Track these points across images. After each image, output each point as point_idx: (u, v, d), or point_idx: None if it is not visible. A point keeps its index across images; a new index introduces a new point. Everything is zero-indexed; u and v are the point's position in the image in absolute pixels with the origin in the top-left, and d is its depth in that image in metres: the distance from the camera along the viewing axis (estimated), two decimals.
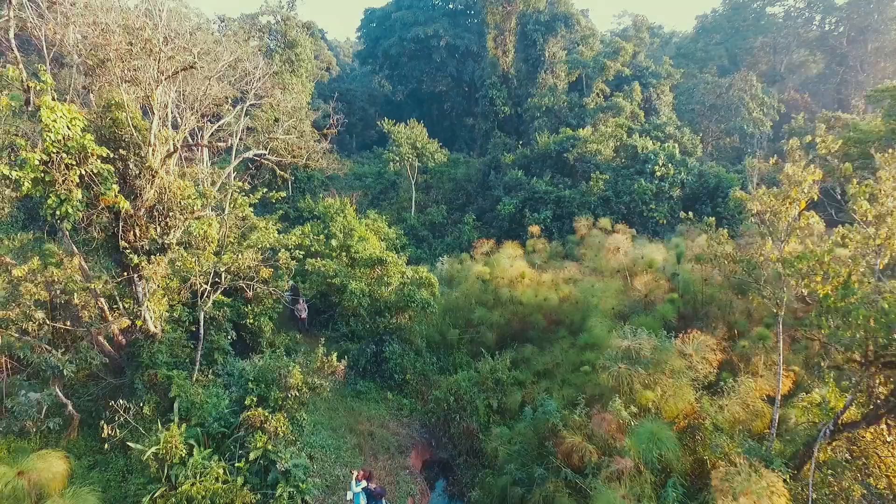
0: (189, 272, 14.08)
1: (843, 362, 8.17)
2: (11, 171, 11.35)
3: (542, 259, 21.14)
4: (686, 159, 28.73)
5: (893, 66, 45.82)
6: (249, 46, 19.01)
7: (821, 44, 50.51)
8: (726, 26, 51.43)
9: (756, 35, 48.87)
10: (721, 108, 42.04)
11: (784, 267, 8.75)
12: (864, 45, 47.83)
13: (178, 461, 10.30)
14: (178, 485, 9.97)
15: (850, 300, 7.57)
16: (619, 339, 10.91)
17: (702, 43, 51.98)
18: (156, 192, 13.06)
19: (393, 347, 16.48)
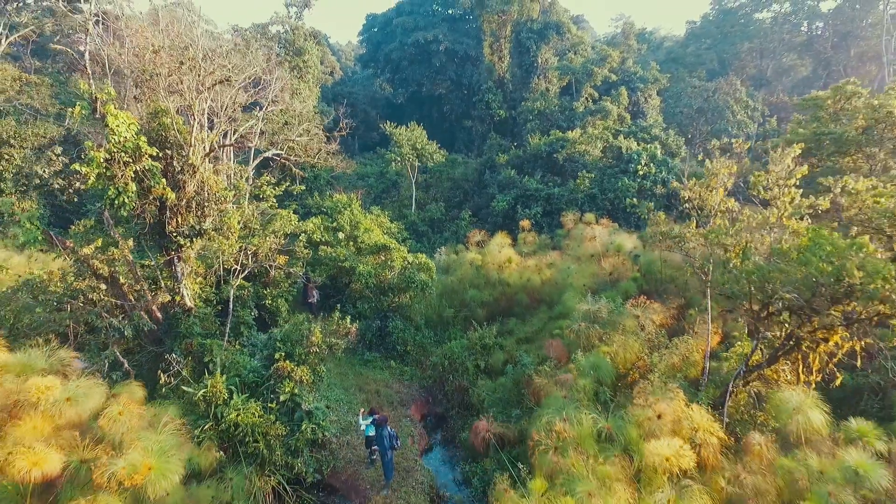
0: (221, 254, 16.72)
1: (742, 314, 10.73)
2: (82, 167, 14.03)
3: (531, 249, 23.73)
4: (668, 159, 31.35)
5: (875, 70, 48.45)
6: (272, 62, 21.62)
7: (807, 48, 53.22)
8: (715, 32, 54.16)
9: (743, 40, 51.57)
10: (708, 111, 44.70)
11: (705, 240, 11.37)
12: (847, 51, 50.53)
13: (222, 402, 12.85)
14: (222, 420, 12.52)
15: (745, 263, 10.15)
16: (582, 305, 13.52)
17: (692, 48, 54.74)
18: (196, 185, 15.70)
19: (396, 323, 19.14)
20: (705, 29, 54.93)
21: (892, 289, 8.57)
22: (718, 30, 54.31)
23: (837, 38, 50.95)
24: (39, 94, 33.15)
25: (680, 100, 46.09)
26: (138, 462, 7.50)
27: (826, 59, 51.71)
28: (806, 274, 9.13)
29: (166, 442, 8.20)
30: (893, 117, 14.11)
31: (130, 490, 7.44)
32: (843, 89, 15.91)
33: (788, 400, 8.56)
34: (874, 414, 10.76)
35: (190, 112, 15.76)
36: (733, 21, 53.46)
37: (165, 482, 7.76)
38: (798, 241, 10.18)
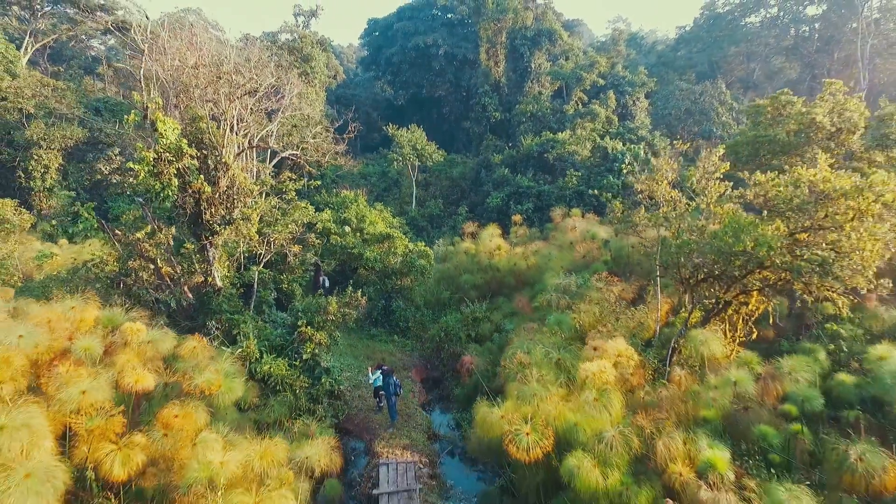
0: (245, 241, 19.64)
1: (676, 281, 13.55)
2: (134, 165, 16.96)
3: (521, 241, 26.61)
4: (650, 159, 34.21)
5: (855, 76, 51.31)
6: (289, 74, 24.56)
7: (793, 52, 56.10)
8: (705, 36, 57.07)
9: (731, 45, 54.48)
10: (695, 113, 47.56)
11: (651, 223, 14.26)
12: (831, 54, 53.39)
13: (255, 360, 15.71)
14: (257, 374, 15.37)
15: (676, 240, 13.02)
16: (555, 280, 16.40)
17: (682, 51, 57.67)
18: (227, 180, 18.61)
19: (398, 303, 22.06)
20: (695, 33, 57.87)
21: (776, 255, 11.46)
22: (708, 34, 57.24)
23: (822, 42, 53.83)
24: (66, 98, 36.10)
25: (669, 102, 48.94)
26: (212, 379, 10.40)
27: (811, 63, 54.61)
28: (717, 246, 12.01)
29: (228, 370, 11.10)
30: (817, 123, 16.97)
31: (205, 399, 10.32)
32: (779, 99, 18.73)
33: (697, 336, 11.47)
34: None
35: (223, 118, 18.66)
36: (722, 26, 56.37)
37: (231, 395, 10.68)
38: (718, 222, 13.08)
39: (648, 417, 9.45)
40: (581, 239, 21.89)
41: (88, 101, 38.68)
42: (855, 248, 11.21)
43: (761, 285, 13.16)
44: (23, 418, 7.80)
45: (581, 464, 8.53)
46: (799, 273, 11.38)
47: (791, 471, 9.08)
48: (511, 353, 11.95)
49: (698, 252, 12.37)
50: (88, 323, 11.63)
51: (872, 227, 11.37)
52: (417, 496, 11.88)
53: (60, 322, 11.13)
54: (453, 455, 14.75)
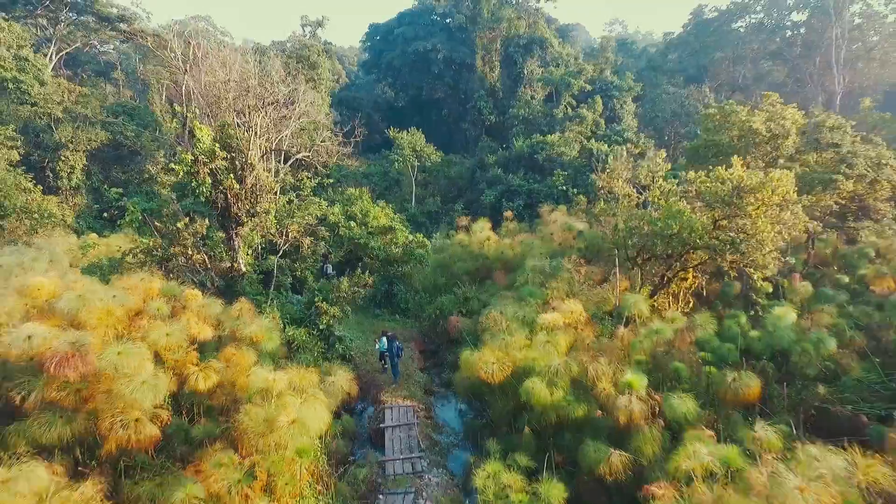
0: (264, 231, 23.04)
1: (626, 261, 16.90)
2: (175, 166, 20.37)
3: (510, 233, 29.98)
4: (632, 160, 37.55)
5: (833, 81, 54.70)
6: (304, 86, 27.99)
7: (778, 56, 59.49)
8: (693, 42, 60.48)
9: (716, 50, 57.91)
10: (681, 115, 50.97)
11: (608, 213, 17.63)
12: (813, 59, 56.75)
13: (280, 329, 19.05)
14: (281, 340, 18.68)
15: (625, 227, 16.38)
16: (532, 261, 19.80)
17: (671, 56, 61.10)
18: (252, 179, 22.00)
19: (399, 287, 25.46)
20: (683, 39, 61.30)
21: (698, 236, 14.83)
22: (696, 39, 60.67)
23: (805, 47, 57.21)
24: (90, 104, 39.53)
25: (657, 105, 52.40)
26: (257, 330, 13.81)
27: (796, 66, 58.02)
28: (654, 230, 15.39)
29: (268, 325, 14.50)
30: (755, 130, 20.28)
31: (252, 345, 13.69)
32: (724, 108, 22.06)
33: (629, 298, 14.86)
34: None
35: (248, 125, 22.05)
36: (709, 31, 59.78)
37: (271, 344, 14.08)
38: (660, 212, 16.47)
39: (589, 355, 12.82)
40: (560, 230, 25.25)
41: (108, 105, 42.13)
42: (757, 230, 14.58)
43: (695, 263, 16.55)
44: (132, 348, 11.17)
45: (535, 385, 11.88)
46: (715, 250, 14.76)
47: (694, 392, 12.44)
48: (488, 312, 15.35)
49: (639, 235, 15.75)
50: (154, 291, 15.02)
51: (773, 215, 14.75)
52: (415, 429, 15.25)
53: (136, 289, 14.52)
54: (444, 405, 18.13)
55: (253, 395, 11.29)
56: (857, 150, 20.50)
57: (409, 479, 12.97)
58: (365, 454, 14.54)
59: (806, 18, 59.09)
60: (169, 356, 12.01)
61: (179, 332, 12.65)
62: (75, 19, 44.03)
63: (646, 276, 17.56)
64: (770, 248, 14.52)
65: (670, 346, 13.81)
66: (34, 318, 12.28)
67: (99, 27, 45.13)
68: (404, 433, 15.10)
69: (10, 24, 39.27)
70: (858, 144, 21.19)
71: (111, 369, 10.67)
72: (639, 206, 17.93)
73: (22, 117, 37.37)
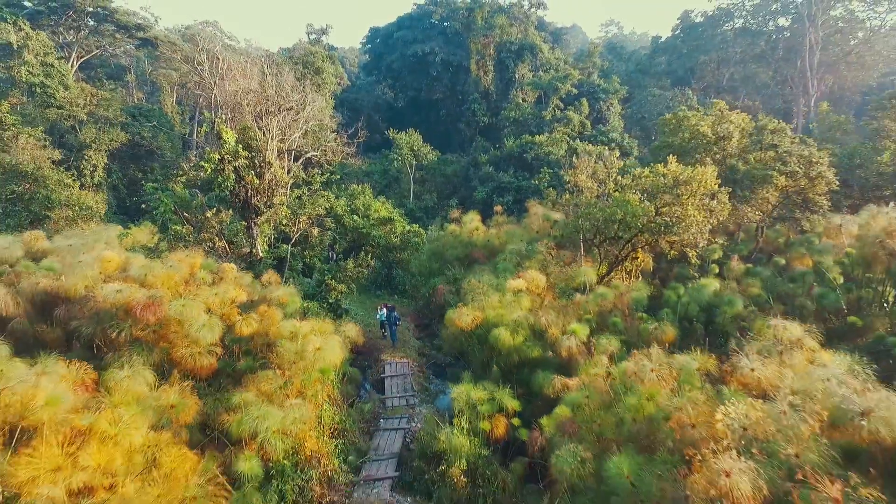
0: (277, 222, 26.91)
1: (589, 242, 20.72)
2: (203, 164, 24.23)
3: (498, 225, 33.79)
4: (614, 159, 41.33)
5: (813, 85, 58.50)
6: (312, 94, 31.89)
7: (762, 59, 63.31)
8: (680, 45, 64.34)
9: (701, 54, 61.76)
10: None
11: (572, 203, 21.42)
12: (794, 63, 60.55)
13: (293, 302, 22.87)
14: None
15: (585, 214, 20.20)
16: (512, 246, 23.61)
17: (659, 59, 64.97)
18: (270, 175, 25.84)
19: (398, 272, 29.29)
20: (670, 43, 65.14)
21: (639, 220, 18.65)
22: (684, 43, 64.51)
23: (786, 51, 61.01)
24: (111, 106, 43.44)
25: (643, 106, 56.25)
26: (283, 294, 17.67)
27: (778, 69, 61.84)
28: (604, 216, 19.22)
29: (291, 291, 18.37)
30: (701, 134, 24.05)
31: (280, 307, 17.51)
32: (677, 114, 25.87)
33: (579, 271, 18.70)
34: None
35: (266, 128, 25.91)
36: (696, 36, 63.61)
37: (294, 306, 17.92)
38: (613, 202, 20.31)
39: (547, 313, 16.64)
40: (540, 221, 29.08)
41: (126, 107, 46.07)
42: (687, 215, 18.41)
43: (642, 244, 20.38)
44: (191, 302, 14.99)
45: (501, 333, 15.69)
46: (651, 232, 18.59)
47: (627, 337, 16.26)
48: (468, 280, 19.17)
49: (593, 221, 19.58)
50: (197, 264, 18.87)
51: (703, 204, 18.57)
52: (410, 378, 19.08)
53: (184, 262, 18.37)
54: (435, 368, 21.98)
55: (284, 338, 15.13)
56: (792, 150, 24.30)
57: (403, 410, 16.81)
58: (369, 396, 18.37)
59: (789, 24, 62.95)
60: (217, 310, 15.85)
61: (222, 294, 16.50)
62: (95, 27, 47.88)
63: (603, 256, 21.38)
64: (696, 229, 18.33)
65: (614, 306, 17.62)
66: (110, 282, 16.13)
67: (117, 35, 49.02)
68: (400, 380, 18.94)
69: (37, 34, 43.24)
70: (795, 145, 25.00)
71: (178, 316, 14.50)
72: (599, 198, 21.76)
73: (49, 119, 41.30)
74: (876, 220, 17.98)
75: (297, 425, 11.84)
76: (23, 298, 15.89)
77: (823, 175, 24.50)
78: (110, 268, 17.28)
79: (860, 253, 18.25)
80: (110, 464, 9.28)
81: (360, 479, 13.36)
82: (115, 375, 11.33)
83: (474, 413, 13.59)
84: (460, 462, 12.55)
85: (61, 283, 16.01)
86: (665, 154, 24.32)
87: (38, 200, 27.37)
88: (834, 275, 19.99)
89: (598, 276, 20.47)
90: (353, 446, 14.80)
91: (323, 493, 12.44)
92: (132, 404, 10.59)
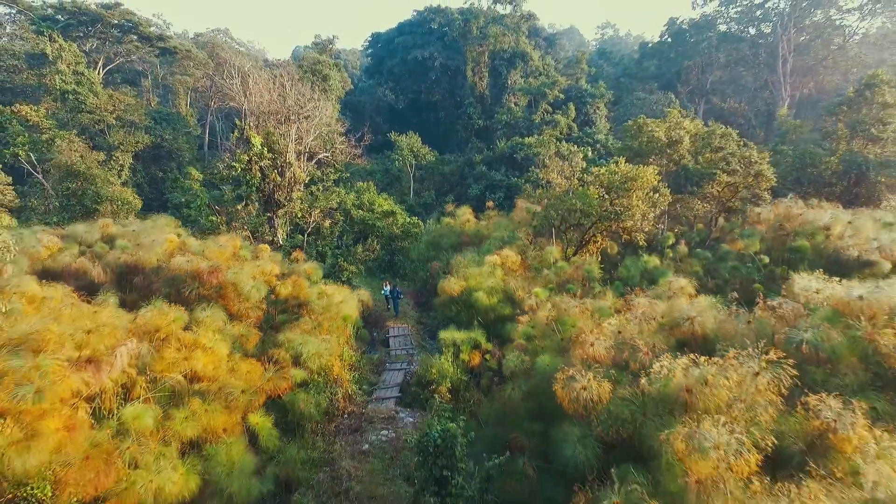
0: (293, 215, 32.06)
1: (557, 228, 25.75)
2: (235, 164, 29.40)
3: (488, 218, 38.95)
4: (595, 158, 46.47)
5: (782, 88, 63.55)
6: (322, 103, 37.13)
7: (743, 64, 68.36)
8: (667, 50, 69.44)
9: (685, 59, 66.86)
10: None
11: (544, 197, 26.45)
12: (775, 69, 65.55)
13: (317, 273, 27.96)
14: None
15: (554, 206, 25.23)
16: (497, 234, 28.70)
17: (647, 63, 70.10)
18: (290, 173, 30.97)
19: (399, 258, 34.41)
20: (657, 48, 70.25)
21: (594, 210, 23.73)
22: (671, 48, 69.61)
23: (766, 56, 66.05)
24: (137, 111, 48.67)
25: (629, 109, 61.30)
26: (308, 267, 22.79)
27: (758, 74, 66.91)
28: (566, 207, 24.29)
29: (314, 265, 23.51)
30: (655, 139, 29.08)
31: (307, 277, 22.61)
32: (637, 122, 30.90)
33: (548, 251, 23.74)
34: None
35: (286, 133, 31.03)
36: (682, 41, 68.71)
37: (317, 275, 23.06)
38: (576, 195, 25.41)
39: (514, 279, 21.69)
40: (524, 214, 34.20)
41: (149, 111, 51.33)
42: (633, 205, 23.47)
43: (600, 230, 25.44)
44: (241, 270, 20.06)
45: (480, 295, 20.76)
46: (606, 219, 23.66)
47: None
48: (456, 258, 24.24)
49: (558, 211, 24.67)
50: (238, 245, 24.00)
51: (648, 196, 23.64)
52: (409, 337, 24.15)
53: (228, 244, 23.48)
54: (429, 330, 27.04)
55: (313, 298, 20.24)
56: (735, 151, 29.35)
57: (404, 357, 21.92)
58: (377, 350, 23.48)
59: (770, 30, 67.96)
60: (260, 277, 20.96)
61: (262, 266, 21.62)
62: (120, 38, 53.13)
63: (570, 240, 26.44)
64: (640, 216, 23.36)
65: (572, 277, 22.70)
66: (176, 256, 21.23)
67: (139, 44, 54.28)
68: (402, 339, 24.04)
69: (69, 45, 48.50)
70: (739, 148, 30.05)
71: (233, 280, 19.60)
72: (566, 192, 26.83)
73: (81, 123, 46.54)
74: (777, 209, 23.00)
75: (327, 353, 16.94)
76: (108, 269, 21.03)
77: (763, 173, 29.53)
78: (172, 246, 22.42)
79: (769, 235, 23.30)
80: (208, 364, 14.35)
81: (372, 399, 18.45)
82: (201, 315, 16.40)
83: (457, 350, 18.67)
84: (446, 383, 17.63)
85: (139, 257, 21.13)
86: (628, 155, 29.47)
87: (89, 196, 32.49)
88: (760, 254, 25.03)
89: (563, 256, 25.55)
90: (366, 380, 19.90)
91: (346, 405, 17.54)
92: (216, 332, 15.67)
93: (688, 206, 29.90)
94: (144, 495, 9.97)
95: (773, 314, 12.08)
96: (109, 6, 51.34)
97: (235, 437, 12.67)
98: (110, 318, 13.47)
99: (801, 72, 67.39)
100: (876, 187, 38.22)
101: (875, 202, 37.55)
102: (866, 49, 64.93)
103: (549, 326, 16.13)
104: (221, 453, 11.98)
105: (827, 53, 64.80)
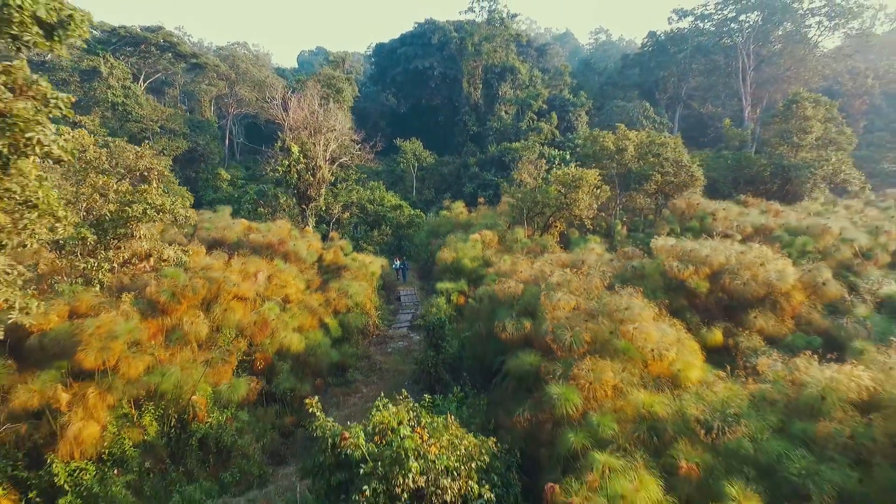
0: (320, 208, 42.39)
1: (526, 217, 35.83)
2: (278, 167, 39.78)
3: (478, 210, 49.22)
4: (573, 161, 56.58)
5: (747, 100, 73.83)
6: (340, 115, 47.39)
7: (715, 73, 78.65)
8: (647, 60, 79.80)
9: (662, 70, 77.21)
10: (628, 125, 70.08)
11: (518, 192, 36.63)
12: (745, 80, 75.82)
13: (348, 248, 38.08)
14: None
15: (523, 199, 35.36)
16: (482, 222, 38.87)
17: (629, 72, 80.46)
18: (320, 175, 41.13)
19: (405, 242, 44.70)
20: (637, 59, 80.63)
21: (551, 202, 33.96)
22: (651, 59, 79.98)
23: (735, 68, 76.37)
24: (177, 120, 58.97)
25: (609, 116, 71.55)
26: (343, 243, 33.05)
27: (729, 84, 77.25)
28: (530, 199, 34.50)
29: (346, 242, 33.79)
30: (605, 147, 39.21)
31: (342, 249, 32.78)
32: (592, 133, 40.93)
33: (516, 233, 33.89)
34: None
35: (316, 142, 41.16)
36: (661, 52, 79.08)
37: (348, 249, 33.34)
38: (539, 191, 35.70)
39: (490, 251, 31.85)
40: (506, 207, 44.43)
41: (186, 119, 61.68)
42: (580, 199, 33.66)
43: (559, 217, 35.65)
44: (297, 242, 30.23)
45: (465, 261, 30.94)
46: (559, 209, 33.89)
47: None
48: (447, 236, 34.48)
49: (526, 203, 34.87)
50: (288, 227, 34.22)
51: (592, 191, 33.93)
52: (415, 296, 34.37)
53: (284, 226, 33.68)
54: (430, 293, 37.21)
55: (349, 261, 30.44)
56: (668, 156, 39.52)
57: (412, 307, 32.13)
58: (392, 304, 33.69)
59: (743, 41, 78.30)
60: (310, 248, 31.13)
61: (309, 241, 31.81)
62: (160, 55, 63.54)
63: (537, 226, 36.58)
64: (584, 206, 33.43)
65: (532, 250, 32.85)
66: (249, 234, 31.45)
67: (174, 60, 64.68)
68: (410, 297, 34.27)
69: (118, 62, 58.89)
70: (672, 153, 40.20)
71: (293, 248, 29.79)
72: (533, 189, 37.02)
73: (130, 131, 56.86)
74: (681, 201, 33.18)
75: (362, 293, 27.12)
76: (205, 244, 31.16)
77: (693, 174, 39.75)
78: (243, 227, 32.67)
79: (678, 219, 33.48)
80: (296, 292, 24.48)
81: (391, 327, 28.66)
82: (280, 264, 26.53)
83: (448, 296, 28.82)
84: (441, 314, 27.81)
85: (224, 234, 31.33)
86: (587, 161, 39.74)
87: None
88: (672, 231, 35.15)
89: (529, 237, 35.74)
90: (386, 319, 30.11)
91: (375, 328, 27.74)
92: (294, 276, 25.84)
93: (633, 200, 40.07)
94: (282, 344, 20.13)
95: (625, 255, 22.29)
96: (153, 29, 61.77)
97: (316, 330, 22.87)
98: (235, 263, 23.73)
99: (769, 81, 77.72)
100: (802, 187, 48.59)
101: (799, 199, 47.92)
102: (826, 61, 75.23)
103: (505, 273, 26.29)
104: (311, 336, 22.15)
105: (791, 64, 75.06)
